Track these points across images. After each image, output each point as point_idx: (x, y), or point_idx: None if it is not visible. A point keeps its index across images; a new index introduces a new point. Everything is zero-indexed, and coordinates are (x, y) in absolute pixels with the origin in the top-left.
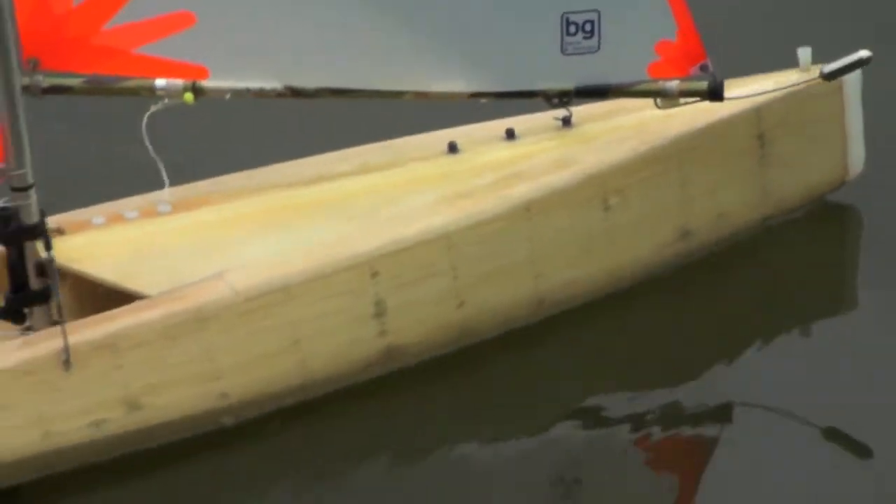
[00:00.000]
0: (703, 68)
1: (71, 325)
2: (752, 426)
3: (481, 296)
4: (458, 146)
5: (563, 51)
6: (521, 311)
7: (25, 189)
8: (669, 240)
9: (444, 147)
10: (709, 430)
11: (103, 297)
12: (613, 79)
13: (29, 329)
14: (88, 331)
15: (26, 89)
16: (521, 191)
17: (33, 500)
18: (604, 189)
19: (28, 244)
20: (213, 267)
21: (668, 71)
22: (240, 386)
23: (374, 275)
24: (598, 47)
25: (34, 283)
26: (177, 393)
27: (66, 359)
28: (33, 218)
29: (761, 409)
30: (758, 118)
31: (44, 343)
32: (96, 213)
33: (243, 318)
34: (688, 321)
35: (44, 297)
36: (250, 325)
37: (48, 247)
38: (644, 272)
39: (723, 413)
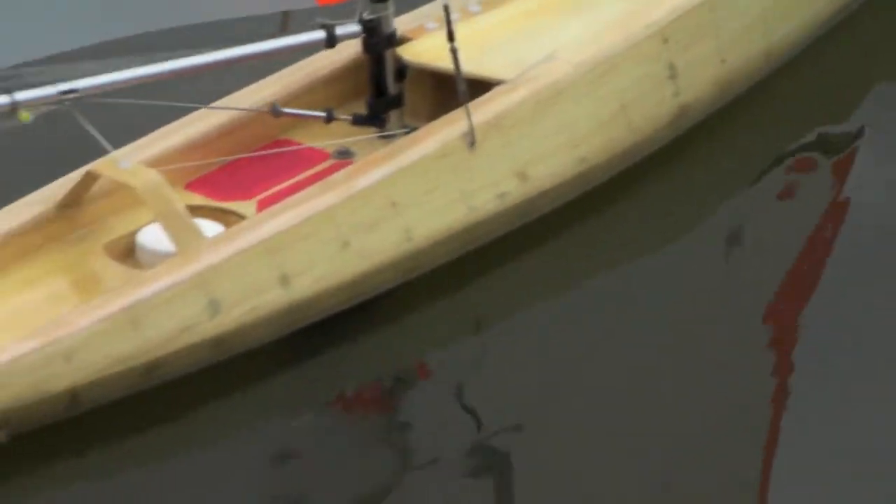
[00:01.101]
0: None
1: (452, 114)
2: None
3: (737, 51)
4: None
5: None
6: (760, 62)
7: (384, 0)
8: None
9: None
10: None
11: (444, 93)
12: None
13: (386, 136)
14: (478, 114)
15: None
16: None
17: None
18: None
19: (387, 52)
20: (542, 50)
21: None
22: (595, 149)
23: (665, 41)
24: None
25: (392, 88)
26: (551, 162)
27: (471, 140)
28: (391, 27)
29: None
30: None
31: (449, 127)
32: (424, 18)
33: (585, 89)
34: None
35: (400, 101)
36: (591, 95)
37: (450, 36)
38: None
39: None
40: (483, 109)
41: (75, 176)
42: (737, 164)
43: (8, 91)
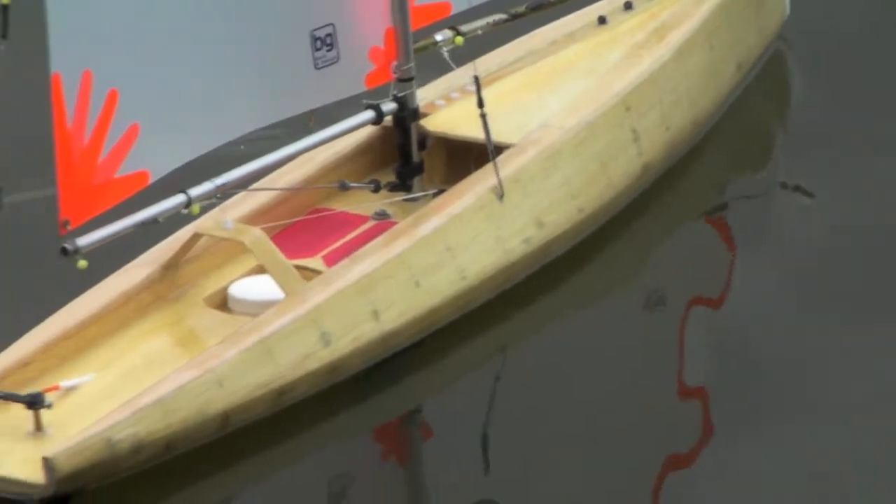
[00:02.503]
0: None
1: (477, 173)
2: None
3: (675, 120)
4: (606, 18)
5: None
6: (690, 131)
7: (410, 80)
8: (732, 72)
9: (595, 20)
10: None
11: (454, 160)
12: None
13: (411, 199)
14: (509, 166)
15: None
16: (673, 38)
17: None
18: (707, 35)
19: (413, 124)
20: (535, 119)
21: None
22: (589, 200)
23: (627, 109)
24: None
25: (416, 156)
26: (559, 211)
27: (500, 193)
28: (415, 103)
29: None
30: None
31: (478, 184)
32: (433, 96)
33: (574, 150)
34: None
35: (422, 167)
36: (579, 155)
37: (480, 104)
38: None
39: None
40: (502, 167)
41: (181, 236)
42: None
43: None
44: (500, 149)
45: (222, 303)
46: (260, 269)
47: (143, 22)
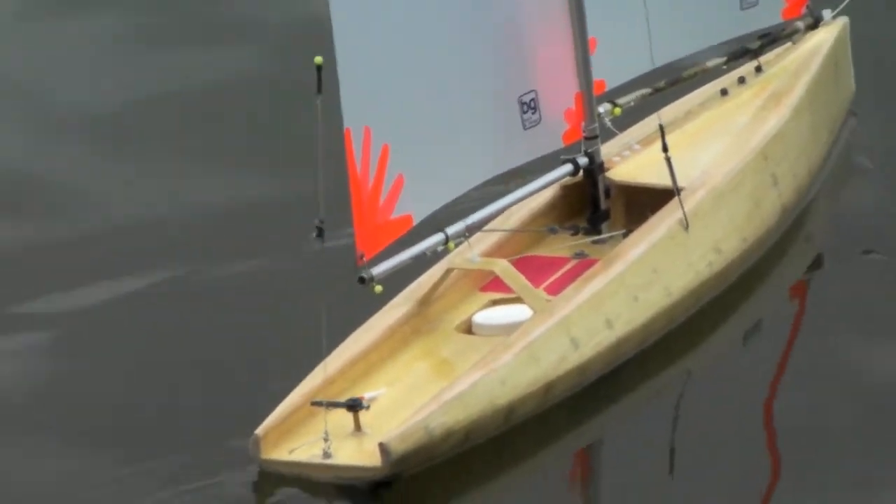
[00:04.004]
0: (808, 6)
1: (662, 211)
2: None
3: (800, 166)
4: (728, 90)
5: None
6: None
7: (595, 138)
8: (826, 135)
9: (718, 92)
10: None
11: (630, 206)
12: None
13: (598, 240)
14: (686, 205)
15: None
16: (787, 102)
17: None
18: (809, 101)
19: (600, 176)
20: (694, 168)
21: (793, 12)
22: (751, 233)
23: (765, 158)
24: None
25: (603, 203)
26: (730, 240)
27: (686, 224)
28: (600, 157)
29: None
30: (833, 53)
31: (665, 220)
32: (618, 150)
33: (733, 192)
34: None
35: (608, 214)
36: (737, 195)
37: (665, 148)
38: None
39: None
40: (689, 201)
41: (435, 272)
42: None
43: None
44: (670, 192)
45: (468, 330)
46: (494, 303)
47: (408, 86)
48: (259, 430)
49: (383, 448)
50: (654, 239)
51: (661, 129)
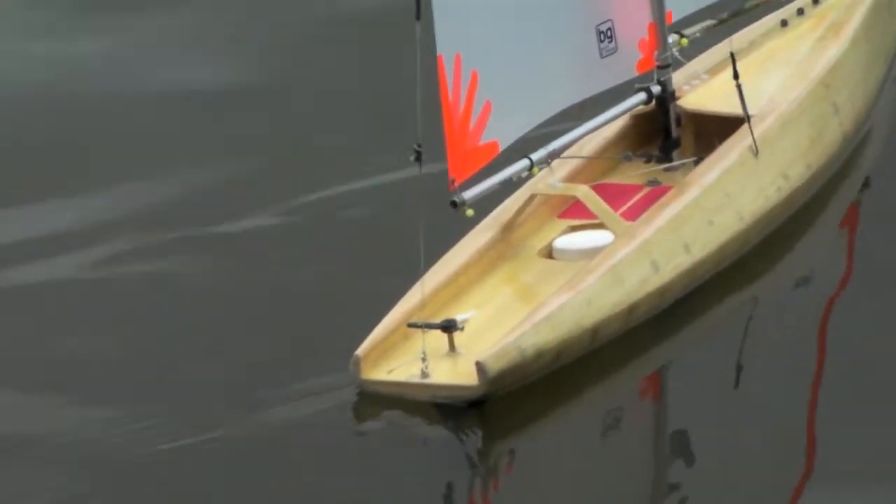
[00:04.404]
0: None
1: (731, 139)
2: None
3: (859, 94)
4: (787, 21)
5: None
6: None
7: (668, 66)
8: (882, 63)
9: (779, 24)
10: None
11: (699, 134)
12: None
13: (670, 168)
14: (756, 130)
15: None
16: (845, 32)
17: None
18: (866, 31)
19: (672, 104)
20: (761, 96)
21: None
22: (815, 159)
23: (827, 86)
24: None
25: (675, 131)
26: (796, 166)
27: (755, 150)
28: (672, 87)
29: None
30: None
31: (735, 147)
32: (686, 79)
33: (798, 120)
34: None
35: (679, 141)
36: (802, 123)
37: (736, 75)
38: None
39: None
40: (760, 126)
41: (519, 195)
42: None
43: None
44: (738, 120)
45: (549, 255)
46: (572, 229)
47: (495, 14)
48: (359, 351)
49: (480, 367)
50: (726, 165)
51: (732, 57)
